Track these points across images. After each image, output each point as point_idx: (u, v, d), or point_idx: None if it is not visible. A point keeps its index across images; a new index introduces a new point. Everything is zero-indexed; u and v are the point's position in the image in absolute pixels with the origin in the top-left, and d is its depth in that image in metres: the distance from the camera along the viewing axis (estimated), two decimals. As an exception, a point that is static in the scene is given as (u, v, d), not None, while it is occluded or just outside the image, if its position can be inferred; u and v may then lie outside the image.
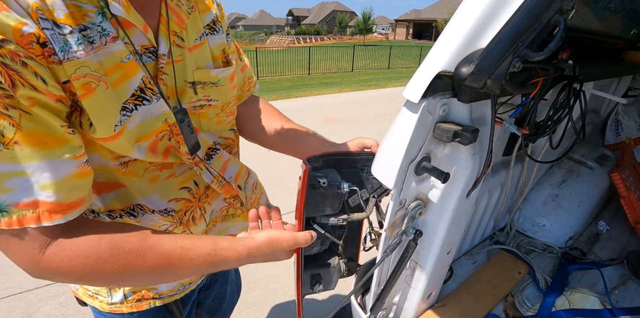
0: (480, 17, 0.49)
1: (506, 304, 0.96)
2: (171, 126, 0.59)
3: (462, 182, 0.63)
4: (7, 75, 0.38)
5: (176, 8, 0.60)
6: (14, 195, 0.42)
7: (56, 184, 0.44)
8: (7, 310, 1.87)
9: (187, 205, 0.69)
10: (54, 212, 0.45)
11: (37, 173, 0.43)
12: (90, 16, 0.46)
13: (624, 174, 1.20)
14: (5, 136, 0.40)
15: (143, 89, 0.53)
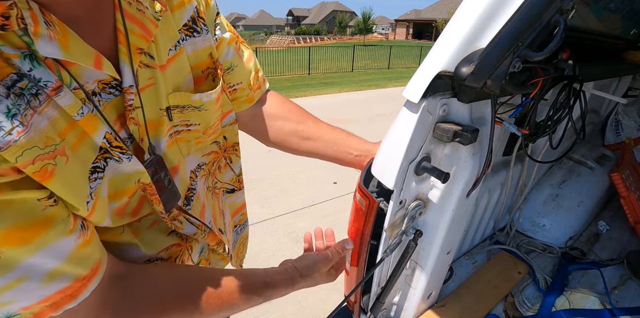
0: (480, 17, 0.49)
1: (506, 304, 0.96)
2: (146, 185, 0.47)
3: (462, 182, 0.63)
4: None
5: (137, 15, 0.42)
6: (18, 305, 0.35)
7: (59, 270, 0.37)
8: (7, 310, 1.87)
9: (177, 250, 0.59)
10: (71, 295, 0.38)
11: (33, 273, 0.35)
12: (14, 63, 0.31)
13: (624, 174, 1.20)
14: None
15: (108, 149, 0.41)
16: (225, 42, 0.60)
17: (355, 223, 0.67)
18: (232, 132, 0.68)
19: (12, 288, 0.33)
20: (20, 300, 0.35)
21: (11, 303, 0.34)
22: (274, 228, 2.73)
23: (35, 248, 0.34)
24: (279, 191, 3.27)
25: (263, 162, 3.73)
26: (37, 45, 0.32)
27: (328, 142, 0.75)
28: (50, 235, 0.35)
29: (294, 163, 3.74)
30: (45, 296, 0.36)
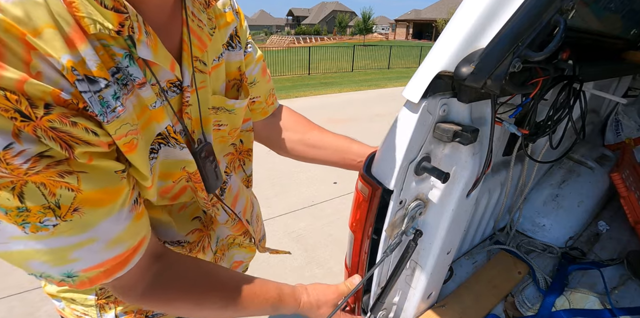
0: (480, 17, 0.49)
1: (506, 304, 0.96)
2: (190, 174, 0.56)
3: (462, 182, 0.63)
4: (60, 139, 0.34)
5: (198, 30, 0.52)
6: (81, 264, 0.40)
7: (121, 237, 0.42)
8: (7, 310, 1.87)
9: (199, 235, 0.66)
10: (121, 262, 0.43)
11: (102, 236, 0.40)
12: (118, 60, 0.40)
13: (624, 174, 1.20)
14: (62, 206, 0.36)
15: (167, 137, 0.49)
16: (254, 58, 0.70)
17: (358, 213, 0.66)
18: (249, 138, 0.76)
19: (83, 247, 0.39)
20: (84, 260, 0.40)
21: (76, 261, 0.39)
22: (274, 228, 2.73)
23: (108, 213, 0.40)
24: (279, 191, 3.28)
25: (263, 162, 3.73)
26: (138, 49, 0.40)
27: (333, 150, 0.81)
28: (119, 203, 0.41)
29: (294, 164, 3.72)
30: (104, 260, 0.41)
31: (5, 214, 0.34)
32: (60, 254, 0.38)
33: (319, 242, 2.57)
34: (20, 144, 0.31)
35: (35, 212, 0.35)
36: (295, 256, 2.42)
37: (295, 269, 2.29)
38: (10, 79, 0.30)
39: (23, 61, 0.31)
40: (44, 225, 0.35)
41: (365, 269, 0.72)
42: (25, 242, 0.36)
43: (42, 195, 0.34)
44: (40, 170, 0.33)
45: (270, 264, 2.31)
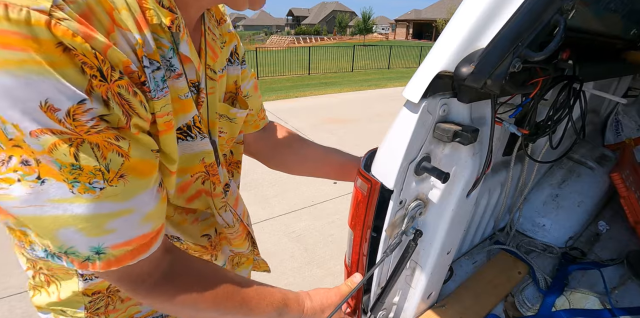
0: (480, 17, 0.49)
1: (506, 304, 0.96)
2: (207, 167, 0.58)
3: (462, 182, 0.63)
4: (122, 106, 0.37)
5: (212, 42, 0.59)
6: (115, 236, 0.40)
7: (151, 215, 0.43)
8: (8, 310, 1.87)
9: (203, 252, 0.68)
10: (147, 243, 0.44)
11: (139, 208, 0.41)
12: (164, 51, 0.45)
13: (624, 174, 1.20)
14: (111, 170, 0.37)
15: (190, 127, 0.52)
16: (248, 75, 0.76)
17: (357, 210, 0.66)
18: (238, 150, 0.80)
19: (120, 217, 0.39)
20: (118, 232, 0.40)
21: (110, 233, 0.39)
22: (274, 228, 2.73)
23: (146, 186, 0.42)
24: (279, 191, 3.27)
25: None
26: (180, 45, 0.46)
27: (322, 162, 0.85)
28: (154, 179, 0.43)
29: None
30: (134, 236, 0.42)
31: (59, 169, 0.34)
32: (98, 222, 0.38)
33: (319, 242, 2.57)
34: (91, 102, 0.34)
35: (86, 172, 0.36)
36: (295, 256, 2.42)
37: (295, 269, 2.29)
38: (101, 42, 0.34)
39: (107, 31, 0.36)
40: (92, 187, 0.36)
41: (365, 267, 0.72)
42: (66, 206, 0.36)
43: (95, 157, 0.36)
44: (101, 130, 0.36)
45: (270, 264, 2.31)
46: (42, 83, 0.31)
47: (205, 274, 0.55)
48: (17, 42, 0.30)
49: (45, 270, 0.57)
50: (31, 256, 0.54)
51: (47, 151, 0.34)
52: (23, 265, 0.60)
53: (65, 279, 0.58)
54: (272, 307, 0.59)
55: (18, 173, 0.34)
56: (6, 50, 0.30)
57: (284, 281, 2.17)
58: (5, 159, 0.34)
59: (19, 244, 0.55)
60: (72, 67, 0.33)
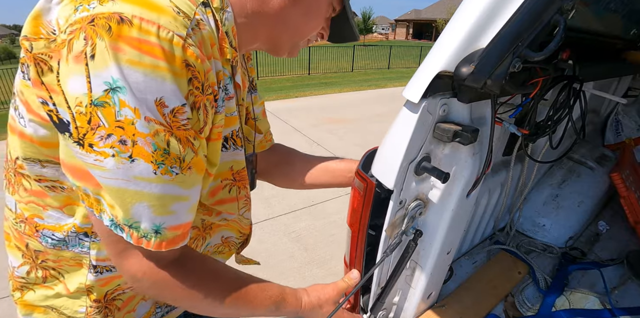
0: (480, 17, 0.49)
1: (506, 304, 0.96)
2: (234, 174, 0.66)
3: (462, 182, 0.63)
4: (204, 114, 0.47)
5: (243, 76, 0.68)
6: (174, 218, 0.48)
7: (194, 206, 0.51)
8: (8, 310, 1.87)
9: (197, 233, 0.71)
10: (187, 232, 0.51)
11: (193, 197, 0.50)
12: (223, 78, 0.54)
13: (624, 174, 1.20)
14: (185, 161, 0.46)
15: (228, 138, 0.61)
16: (258, 101, 0.84)
17: (354, 208, 0.67)
18: None
19: (181, 201, 0.48)
20: (176, 215, 0.48)
21: (171, 214, 0.47)
22: (274, 228, 2.73)
23: (199, 180, 0.50)
24: (279, 191, 3.27)
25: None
26: (236, 76, 0.58)
27: (322, 172, 0.90)
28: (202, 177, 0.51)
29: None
30: (184, 221, 0.50)
31: (153, 151, 0.43)
32: (165, 201, 0.46)
33: (319, 242, 2.57)
34: (187, 106, 0.44)
35: (171, 158, 0.44)
36: (295, 256, 2.42)
37: (295, 269, 2.29)
38: (207, 66, 0.46)
39: (207, 58, 0.47)
40: (171, 171, 0.45)
41: (363, 264, 0.72)
42: (146, 184, 0.44)
43: (179, 147, 0.45)
44: (187, 128, 0.45)
45: (270, 264, 2.31)
46: (163, 85, 0.41)
47: (210, 265, 0.59)
48: (158, 53, 0.40)
49: (50, 262, 0.58)
50: (40, 247, 0.56)
51: (152, 134, 0.42)
52: (16, 262, 0.60)
53: (72, 271, 0.58)
54: (270, 301, 0.61)
55: (114, 149, 0.41)
56: (148, 55, 0.40)
57: (284, 281, 2.17)
58: (104, 135, 0.41)
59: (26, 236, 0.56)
60: (185, 78, 0.43)
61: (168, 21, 0.41)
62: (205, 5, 0.48)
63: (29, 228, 0.56)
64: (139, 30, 0.39)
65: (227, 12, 0.52)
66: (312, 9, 0.58)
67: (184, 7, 0.43)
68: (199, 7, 0.46)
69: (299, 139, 4.70)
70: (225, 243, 0.80)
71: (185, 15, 0.43)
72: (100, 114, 0.40)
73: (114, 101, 0.40)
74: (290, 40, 0.62)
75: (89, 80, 0.39)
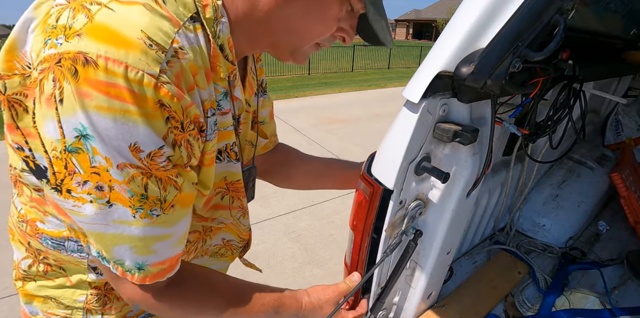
0: (480, 17, 0.49)
1: (506, 304, 0.96)
2: (228, 184, 0.64)
3: (462, 182, 0.63)
4: (188, 150, 0.45)
5: (251, 80, 0.66)
6: (156, 256, 0.47)
7: (182, 238, 0.50)
8: (9, 309, 1.87)
9: (197, 236, 0.71)
10: (175, 263, 0.51)
11: (178, 232, 0.48)
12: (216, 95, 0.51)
13: (624, 174, 1.20)
14: (167, 200, 0.44)
15: (221, 151, 0.58)
16: (267, 104, 0.81)
17: (358, 212, 0.66)
18: None
19: (163, 241, 0.47)
20: (159, 253, 0.47)
21: (153, 254, 0.46)
22: (274, 228, 2.73)
23: (186, 214, 0.49)
24: (279, 191, 3.27)
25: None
26: (234, 90, 0.55)
27: (322, 175, 0.90)
28: (190, 208, 0.50)
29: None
30: (169, 257, 0.49)
31: (129, 197, 0.41)
32: (146, 243, 0.45)
33: (319, 242, 2.57)
34: (166, 147, 0.41)
35: (150, 201, 0.43)
36: (295, 256, 2.42)
37: (295, 269, 2.29)
38: (187, 101, 0.42)
39: (188, 88, 0.43)
40: (151, 214, 0.43)
41: (365, 267, 0.72)
42: (126, 227, 0.43)
43: (158, 189, 0.43)
44: (168, 169, 0.43)
45: (270, 264, 2.31)
46: (135, 130, 0.38)
47: (205, 279, 0.59)
48: (127, 96, 0.37)
49: (51, 260, 0.58)
50: (41, 247, 0.56)
51: (126, 181, 0.40)
52: (20, 255, 0.60)
53: (73, 268, 0.59)
54: (269, 306, 0.61)
55: (92, 196, 0.40)
56: (116, 100, 0.37)
57: (284, 281, 2.17)
58: (81, 181, 0.40)
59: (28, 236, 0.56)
60: (161, 118, 0.40)
61: (137, 59, 0.37)
62: (195, 20, 0.44)
63: (30, 229, 0.56)
64: (105, 72, 0.36)
65: (222, 22, 0.47)
66: (312, 10, 0.49)
67: (158, 37, 0.39)
68: (182, 28, 0.42)
69: (299, 138, 4.70)
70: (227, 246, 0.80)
71: (159, 46, 0.38)
72: (75, 161, 0.38)
73: (86, 148, 0.38)
74: (289, 46, 0.55)
75: (60, 125, 0.37)
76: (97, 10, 0.37)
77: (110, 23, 0.37)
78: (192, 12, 0.44)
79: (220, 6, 0.46)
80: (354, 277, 0.73)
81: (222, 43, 0.48)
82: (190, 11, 0.43)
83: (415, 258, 0.76)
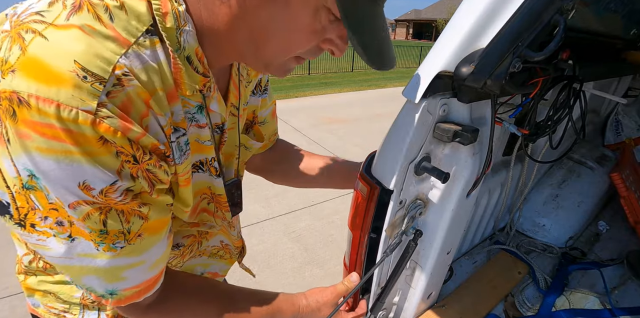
0: (480, 17, 0.49)
1: (506, 304, 0.96)
2: (212, 194, 0.63)
3: (462, 182, 0.63)
4: (149, 179, 0.42)
5: (237, 83, 0.62)
6: (126, 283, 0.46)
7: (158, 261, 0.49)
8: (9, 310, 1.87)
9: (193, 240, 0.71)
10: (152, 285, 0.50)
11: (149, 259, 0.47)
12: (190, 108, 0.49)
13: (624, 174, 1.20)
14: (132, 232, 0.43)
15: (203, 163, 0.57)
16: (268, 103, 0.79)
17: (356, 212, 0.66)
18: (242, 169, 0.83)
19: (133, 268, 0.45)
20: (130, 279, 0.46)
21: (123, 280, 0.45)
22: (274, 228, 2.73)
23: (158, 239, 0.47)
24: (279, 191, 3.27)
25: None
26: (210, 103, 0.51)
27: (320, 173, 0.88)
28: (165, 232, 0.48)
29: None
30: (143, 280, 0.47)
31: (89, 232, 0.40)
32: (115, 273, 0.44)
33: (319, 242, 2.57)
34: (121, 181, 0.39)
35: (111, 235, 0.41)
36: (295, 256, 2.42)
37: (295, 269, 2.29)
38: (136, 132, 0.38)
39: (140, 117, 0.39)
40: (114, 247, 0.42)
41: (364, 268, 0.72)
42: (90, 260, 0.42)
43: (120, 221, 0.41)
44: (127, 201, 0.41)
45: (270, 265, 2.31)
46: (80, 169, 0.36)
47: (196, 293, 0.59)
48: (64, 136, 0.34)
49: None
50: None
51: (82, 219, 0.39)
52: (22, 251, 0.61)
53: None
54: (265, 312, 0.61)
55: (53, 231, 0.40)
56: (55, 141, 0.34)
57: (284, 281, 2.17)
58: (42, 217, 0.39)
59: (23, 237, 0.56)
60: (108, 154, 0.37)
61: (69, 95, 0.33)
62: (151, 33, 0.39)
63: None
64: (38, 112, 0.33)
65: (186, 31, 0.42)
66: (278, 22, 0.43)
67: (94, 66, 0.34)
68: (132, 47, 0.37)
69: (299, 138, 4.70)
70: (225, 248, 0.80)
71: (96, 77, 0.34)
72: (34, 197, 0.38)
73: (39, 186, 0.37)
74: (259, 59, 0.49)
75: (14, 163, 0.36)
76: (30, 40, 0.34)
77: (41, 55, 0.33)
78: (147, 25, 0.39)
79: (182, 12, 0.41)
80: (353, 277, 0.73)
81: (188, 54, 0.43)
82: (145, 24, 0.39)
83: (415, 258, 0.76)
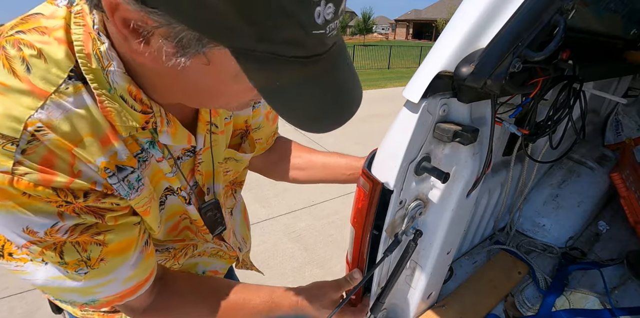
0: (480, 17, 0.49)
1: (506, 304, 0.96)
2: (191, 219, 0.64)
3: (462, 182, 0.63)
4: (92, 212, 0.43)
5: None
6: (102, 295, 0.49)
7: (132, 276, 0.51)
8: (8, 310, 1.87)
9: (184, 244, 0.71)
10: (133, 291, 0.52)
11: (119, 276, 0.49)
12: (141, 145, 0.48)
13: (624, 174, 1.20)
14: (92, 258, 0.45)
15: (173, 191, 0.57)
16: (261, 112, 0.76)
17: (359, 208, 0.66)
18: (244, 173, 0.84)
19: (105, 285, 0.48)
20: (105, 292, 0.49)
21: (99, 294, 0.49)
22: (274, 228, 2.73)
23: (125, 259, 0.48)
24: (279, 191, 3.27)
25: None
26: (160, 138, 0.49)
27: (321, 169, 0.88)
28: (135, 248, 0.49)
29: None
30: (119, 291, 0.50)
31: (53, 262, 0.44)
32: (88, 290, 0.48)
33: (319, 242, 2.57)
34: (63, 221, 0.40)
35: (72, 265, 0.44)
36: (295, 256, 2.42)
37: (295, 269, 2.29)
38: (60, 182, 0.39)
39: (69, 164, 0.39)
40: (78, 273, 0.45)
41: (366, 264, 0.72)
42: (62, 282, 0.45)
43: (77, 252, 0.44)
44: (76, 236, 0.42)
45: (270, 265, 2.31)
46: (18, 217, 0.38)
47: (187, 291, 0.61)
48: None
49: None
50: None
51: (38, 255, 0.43)
52: None
53: None
54: (261, 307, 0.63)
55: (29, 256, 0.43)
56: None
57: (284, 281, 2.17)
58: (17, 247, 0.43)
59: None
60: (39, 203, 0.38)
61: None
62: (75, 77, 0.38)
63: None
64: None
65: (112, 71, 0.39)
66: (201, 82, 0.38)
67: (5, 127, 0.35)
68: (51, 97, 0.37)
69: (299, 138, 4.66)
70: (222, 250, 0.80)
71: (6, 139, 0.35)
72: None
73: None
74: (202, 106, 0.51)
75: None
76: None
77: None
78: (67, 71, 0.38)
79: (104, 52, 0.39)
80: (355, 274, 0.73)
81: (121, 94, 0.41)
82: (65, 71, 0.38)
83: (415, 258, 0.76)
